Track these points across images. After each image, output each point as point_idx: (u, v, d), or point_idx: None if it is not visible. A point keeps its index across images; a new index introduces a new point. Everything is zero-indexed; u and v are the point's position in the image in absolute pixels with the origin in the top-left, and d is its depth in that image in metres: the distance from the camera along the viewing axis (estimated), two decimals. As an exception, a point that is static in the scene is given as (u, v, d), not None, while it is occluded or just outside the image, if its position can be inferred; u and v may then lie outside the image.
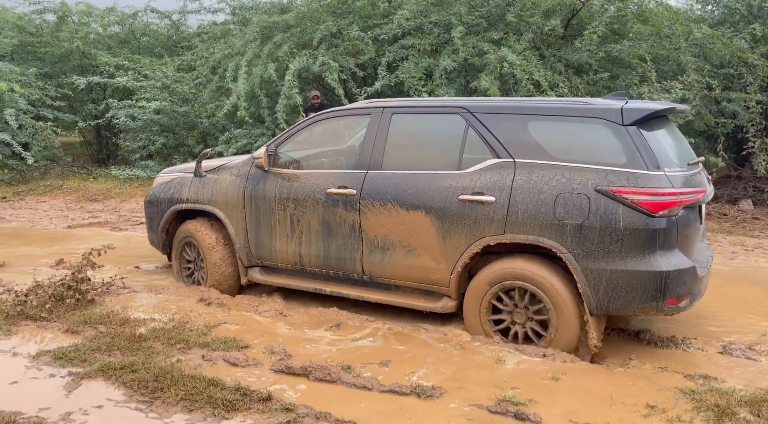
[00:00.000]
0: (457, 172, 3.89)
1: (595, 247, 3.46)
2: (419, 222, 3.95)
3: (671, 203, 3.37)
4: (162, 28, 14.00)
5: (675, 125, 4.24)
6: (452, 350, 3.71)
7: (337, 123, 4.73)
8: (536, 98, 5.13)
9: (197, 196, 4.93)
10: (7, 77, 10.11)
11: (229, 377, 3.27)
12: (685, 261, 3.46)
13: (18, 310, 4.08)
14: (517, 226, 3.64)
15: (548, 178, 3.61)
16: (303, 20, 9.63)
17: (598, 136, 3.60)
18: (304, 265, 4.53)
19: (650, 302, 3.41)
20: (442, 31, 8.24)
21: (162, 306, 4.45)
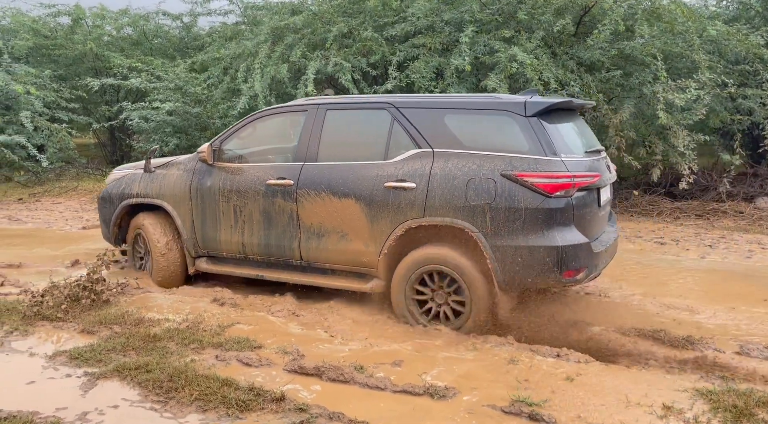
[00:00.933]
0: (383, 162, 4.25)
1: (501, 226, 3.83)
2: (350, 209, 4.27)
3: (566, 185, 3.77)
4: (174, 30, 14.08)
5: (581, 117, 4.74)
6: (465, 351, 3.70)
7: (277, 119, 5.00)
8: (452, 94, 5.42)
9: (147, 190, 5.20)
10: (23, 80, 10.24)
11: (243, 377, 3.29)
12: (581, 237, 3.84)
13: (34, 310, 4.13)
14: (435, 209, 3.99)
15: (461, 165, 3.98)
16: (314, 21, 9.64)
17: (504, 127, 4.02)
18: (247, 253, 4.80)
19: (549, 275, 3.79)
20: (453, 29, 8.20)
21: (176, 306, 4.49)
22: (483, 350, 3.72)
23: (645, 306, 4.61)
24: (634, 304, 4.68)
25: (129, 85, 10.90)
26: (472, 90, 7.75)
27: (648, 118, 8.08)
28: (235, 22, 13.13)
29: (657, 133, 7.93)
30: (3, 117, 10.64)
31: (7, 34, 12.04)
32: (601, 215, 4.27)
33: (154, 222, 5.16)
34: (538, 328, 4.11)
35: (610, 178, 4.38)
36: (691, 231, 7.14)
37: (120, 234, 5.50)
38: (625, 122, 7.59)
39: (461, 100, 4.30)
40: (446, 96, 4.61)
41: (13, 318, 4.06)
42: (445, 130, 4.16)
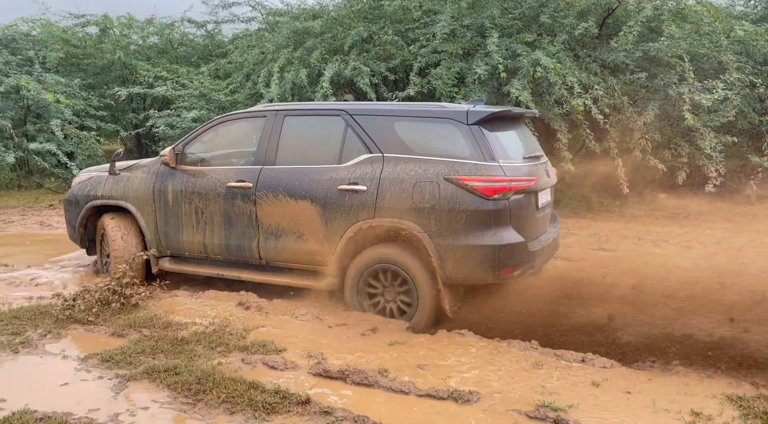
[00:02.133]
0: (337, 166, 4.48)
1: (443, 226, 4.08)
2: (306, 211, 4.50)
3: (502, 188, 4.04)
4: (198, 38, 14.32)
5: (524, 125, 5.05)
6: (489, 355, 3.70)
7: (238, 124, 5.21)
8: (402, 102, 5.74)
9: (111, 192, 5.37)
10: (54, 89, 10.51)
11: (269, 380, 3.33)
12: (517, 237, 4.10)
13: (67, 314, 4.24)
14: (384, 211, 4.23)
15: (408, 169, 4.23)
16: (334, 26, 9.72)
17: (448, 134, 4.27)
18: (208, 253, 5.01)
19: (488, 272, 4.08)
20: (474, 34, 8.19)
21: (202, 310, 4.56)
22: (507, 353, 3.72)
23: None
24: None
25: (155, 93, 11.12)
26: (493, 95, 7.73)
27: (673, 120, 7.97)
28: (257, 28, 13.32)
29: (683, 135, 7.82)
30: (34, 125, 10.94)
31: (38, 44, 12.37)
32: (540, 216, 4.51)
33: (119, 223, 5.30)
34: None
35: (548, 182, 4.67)
36: (720, 235, 7.00)
37: (86, 235, 5.64)
38: (650, 124, 7.49)
39: (410, 109, 4.56)
40: (396, 104, 4.99)
41: (47, 321, 4.17)
42: (394, 136, 4.40)
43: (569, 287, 4.82)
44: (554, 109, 7.55)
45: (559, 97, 7.24)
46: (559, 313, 4.35)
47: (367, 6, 9.98)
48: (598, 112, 7.12)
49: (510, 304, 4.52)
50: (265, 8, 12.99)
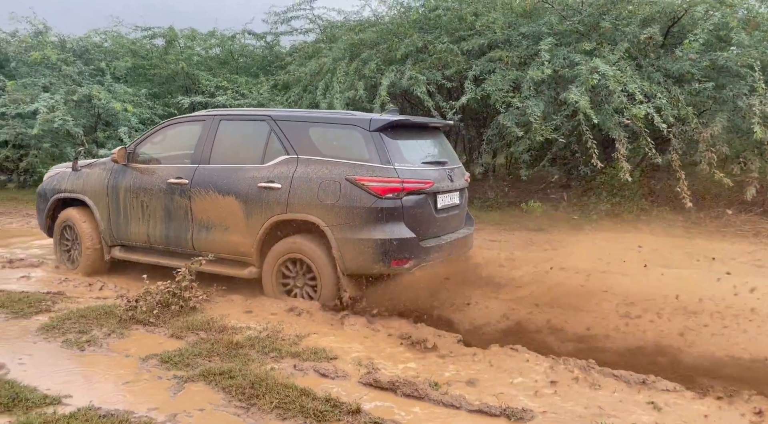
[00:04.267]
0: (259, 166, 4.94)
1: (343, 221, 4.52)
2: (232, 206, 4.96)
3: (395, 189, 4.47)
4: (257, 49, 14.72)
5: (440, 134, 5.45)
6: (544, 373, 3.60)
7: (182, 127, 5.68)
8: (317, 110, 6.35)
9: (73, 186, 5.93)
10: (122, 98, 11.03)
11: (320, 388, 3.36)
12: (408, 233, 4.52)
13: (129, 315, 4.41)
14: (295, 206, 4.69)
15: (317, 169, 4.68)
16: (389, 36, 9.81)
17: (352, 139, 4.71)
18: (152, 243, 5.51)
19: (380, 263, 4.50)
20: (531, 42, 8.09)
21: (255, 315, 4.65)
22: (561, 372, 3.61)
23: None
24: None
25: (216, 102, 11.50)
26: (550, 103, 7.60)
27: (743, 132, 7.59)
28: (314, 40, 13.59)
29: (753, 149, 7.43)
30: (103, 132, 11.51)
31: (109, 55, 13.02)
32: (441, 216, 4.92)
33: (80, 215, 5.84)
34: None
35: (451, 186, 5.02)
36: (793, 254, 6.60)
37: (52, 225, 6.14)
38: (717, 137, 7.17)
39: (323, 116, 5.20)
40: (312, 112, 5.59)
41: (111, 321, 4.35)
42: (308, 140, 4.88)
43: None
44: (613, 118, 7.33)
45: (618, 105, 7.03)
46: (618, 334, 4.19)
47: (422, 16, 10.02)
48: (662, 122, 6.87)
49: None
50: (323, 20, 13.26)
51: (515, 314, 4.43)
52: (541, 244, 7.24)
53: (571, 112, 7.26)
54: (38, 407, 3.05)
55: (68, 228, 5.94)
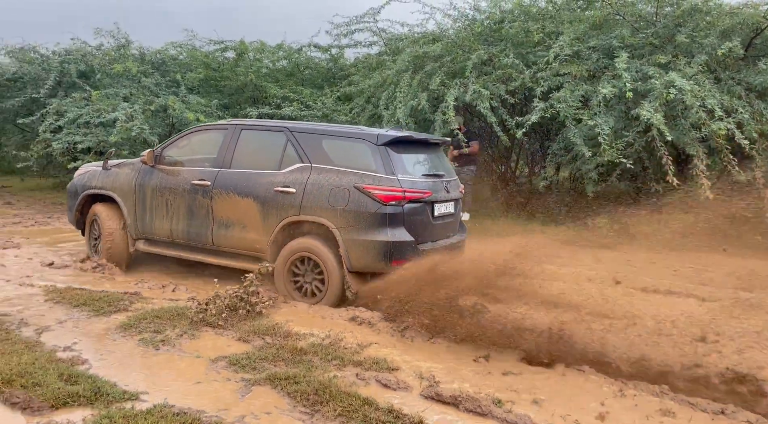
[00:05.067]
0: (276, 172, 5.47)
1: (350, 224, 5.03)
2: (249, 206, 5.49)
3: (396, 197, 5.02)
4: (322, 61, 15.07)
5: (438, 149, 5.96)
6: (612, 398, 3.47)
7: (206, 134, 6.21)
8: (329, 124, 6.78)
9: (103, 184, 6.48)
10: (195, 108, 11.53)
11: (381, 398, 3.37)
12: (408, 237, 5.06)
13: (200, 317, 4.58)
14: (307, 209, 5.22)
15: (328, 177, 5.21)
16: (453, 49, 9.81)
17: (361, 152, 5.24)
18: (174, 238, 6.02)
19: (382, 262, 5.00)
20: (601, 56, 7.89)
21: (318, 323, 4.73)
22: (630, 397, 3.48)
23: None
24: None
25: (282, 113, 11.83)
26: (621, 119, 7.36)
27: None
28: (377, 52, 13.77)
29: None
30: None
31: (183, 67, 13.65)
32: (437, 223, 5.44)
33: (107, 210, 6.37)
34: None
35: (447, 196, 5.55)
36: None
37: (81, 219, 6.73)
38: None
39: (335, 130, 5.63)
40: (326, 125, 6.09)
41: (183, 322, 4.54)
42: (321, 151, 5.41)
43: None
44: (690, 134, 7.02)
45: (696, 120, 6.73)
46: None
47: (487, 29, 9.98)
48: (743, 138, 6.52)
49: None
50: (387, 33, 13.43)
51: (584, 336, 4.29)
52: (609, 262, 7.00)
53: (643, 129, 6.99)
54: (118, 401, 3.22)
55: (95, 223, 6.51)
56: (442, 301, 4.54)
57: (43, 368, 3.54)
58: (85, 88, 11.84)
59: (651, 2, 8.11)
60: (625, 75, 6.94)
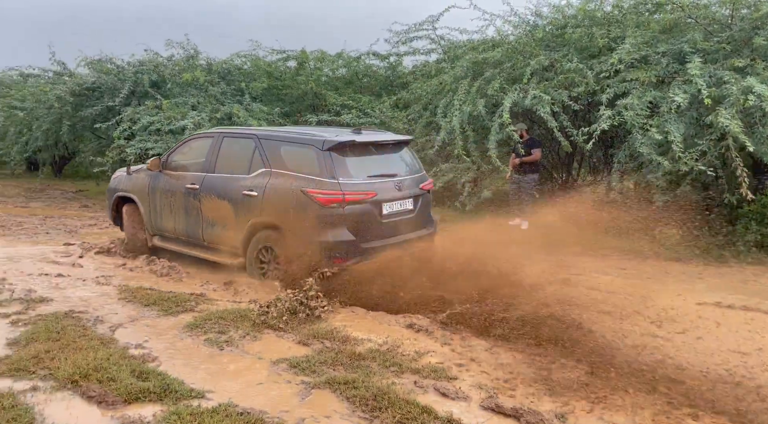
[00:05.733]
0: (245, 176, 5.93)
1: (298, 224, 5.39)
2: (227, 208, 6.02)
3: (336, 200, 5.32)
4: (381, 69, 15.21)
5: (399, 148, 6.21)
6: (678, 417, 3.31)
7: (199, 141, 6.73)
8: (288, 129, 7.01)
9: (126, 187, 7.31)
10: (258, 116, 11.89)
11: (440, 407, 3.35)
12: (348, 236, 5.38)
13: (262, 319, 4.70)
14: (266, 212, 5.68)
15: (282, 181, 5.61)
16: (514, 55, 9.67)
17: (309, 157, 5.56)
18: (178, 235, 6.70)
19: (325, 260, 5.30)
20: (671, 60, 7.57)
21: (375, 328, 4.76)
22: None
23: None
24: None
25: (341, 120, 12.01)
26: (692, 125, 7.04)
27: None
28: (436, 60, 13.76)
29: None
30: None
31: (247, 77, 14.11)
32: (386, 221, 5.68)
33: (130, 210, 7.21)
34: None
35: (400, 195, 5.79)
36: None
37: (118, 217, 7.53)
38: None
39: (290, 136, 5.96)
40: (285, 131, 6.38)
41: (245, 324, 4.67)
42: (279, 156, 5.79)
43: None
44: (768, 143, 6.63)
45: (775, 128, 6.36)
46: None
47: (549, 34, 9.79)
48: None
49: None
50: (445, 41, 13.41)
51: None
52: (677, 275, 6.69)
53: (718, 137, 6.64)
54: (185, 399, 3.35)
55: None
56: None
57: (116, 364, 3.73)
58: (156, 97, 12.43)
59: (726, 5, 7.72)
60: (699, 81, 6.63)
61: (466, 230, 9.08)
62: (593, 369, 3.92)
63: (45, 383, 3.52)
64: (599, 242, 8.27)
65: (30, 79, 16.30)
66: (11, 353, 3.99)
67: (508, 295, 4.97)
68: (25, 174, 18.37)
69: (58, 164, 17.88)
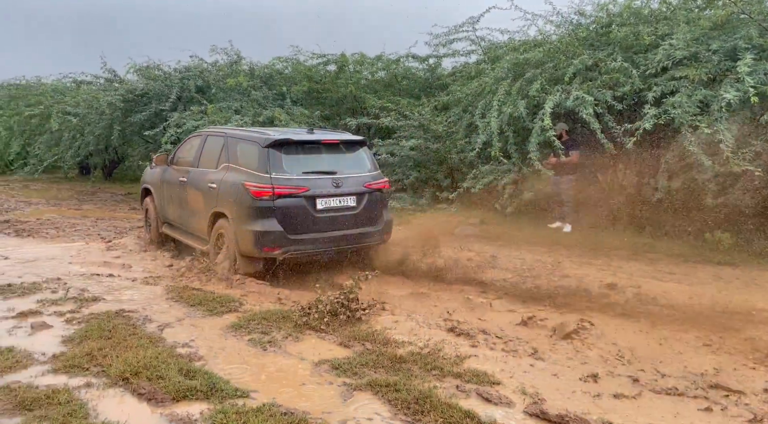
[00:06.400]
0: (213, 170, 6.63)
1: (239, 215, 6.00)
2: (200, 198, 6.75)
3: (267, 193, 5.85)
4: (420, 72, 15.19)
5: (353, 148, 6.64)
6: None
7: (194, 140, 7.50)
8: (251, 129, 7.63)
9: (147, 179, 8.44)
10: (299, 119, 12.07)
11: (483, 412, 3.31)
12: (277, 227, 5.86)
13: (303, 321, 4.75)
14: (220, 202, 6.30)
15: (232, 176, 6.23)
16: (556, 55, 9.49)
17: (253, 153, 6.16)
18: (176, 223, 7.55)
19: (256, 248, 5.90)
20: (723, 58, 7.29)
21: (416, 331, 4.75)
22: None
23: None
24: None
25: (380, 123, 12.05)
26: (747, 125, 6.75)
27: None
28: (476, 61, 13.64)
29: None
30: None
31: (288, 81, 14.33)
32: (321, 216, 6.07)
33: (149, 200, 8.26)
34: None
35: (337, 191, 6.16)
36: None
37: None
38: None
39: (244, 134, 6.59)
40: (241, 129, 7.16)
41: (288, 325, 4.73)
42: (236, 153, 6.43)
43: None
44: (829, 143, 6.30)
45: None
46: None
47: (593, 33, 9.57)
48: None
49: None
50: (486, 42, 13.28)
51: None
52: (731, 280, 6.43)
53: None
54: (231, 398, 3.41)
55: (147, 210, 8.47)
56: None
57: (165, 362, 3.83)
58: (201, 101, 12.76)
59: (782, -2, 7.40)
60: (747, 79, 6.36)
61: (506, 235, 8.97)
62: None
63: (98, 379, 3.65)
64: (647, 246, 8.03)
65: (83, 86, 17.01)
66: (66, 350, 4.15)
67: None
68: (77, 177, 19.15)
69: (108, 168, 18.56)
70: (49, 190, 15.62)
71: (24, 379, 3.64)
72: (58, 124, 14.34)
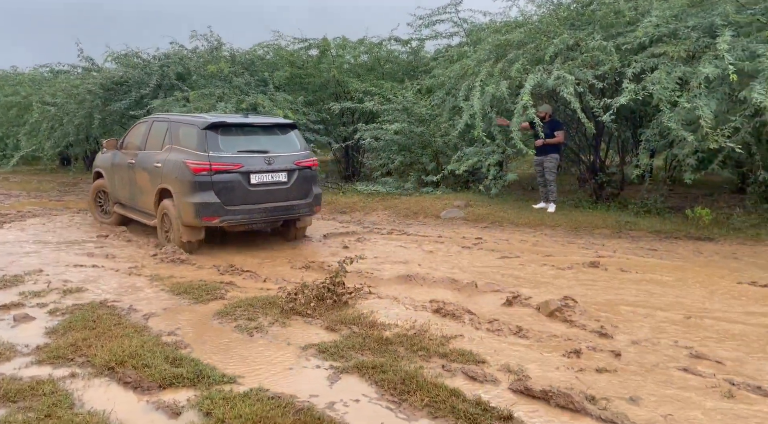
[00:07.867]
0: (158, 152, 7.39)
1: (181, 189, 6.76)
2: (146, 177, 7.52)
3: (204, 169, 6.64)
4: (402, 55, 15.10)
5: (285, 131, 7.50)
6: (718, 399, 3.25)
7: (142, 126, 8.26)
8: (187, 114, 8.41)
9: (98, 163, 9.28)
10: (282, 105, 11.94)
11: (468, 390, 3.35)
12: (214, 199, 6.65)
13: (290, 306, 4.76)
14: (165, 179, 7.06)
15: (175, 155, 6.98)
16: (537, 35, 9.48)
17: (192, 135, 6.94)
18: (126, 202, 8.39)
19: (196, 218, 6.69)
20: (701, 34, 7.33)
21: (402, 314, 4.78)
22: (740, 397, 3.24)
23: None
24: None
25: (363, 107, 11.97)
26: (724, 102, 6.82)
27: None
28: (458, 43, 13.58)
29: None
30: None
31: (270, 66, 14.15)
32: (255, 190, 6.87)
33: (101, 181, 9.02)
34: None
35: (269, 168, 6.96)
36: None
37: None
38: None
39: (185, 119, 7.34)
40: (183, 115, 7.85)
41: (274, 311, 4.74)
42: (178, 135, 7.19)
43: None
44: (807, 119, 6.38)
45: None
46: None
47: (574, 13, 9.56)
48: None
49: None
50: (468, 24, 13.21)
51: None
52: (710, 255, 6.54)
53: (752, 113, 6.42)
54: (217, 384, 3.42)
55: (102, 192, 9.17)
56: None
57: (151, 350, 3.83)
58: (183, 88, 12.58)
59: (760, -25, 7.43)
60: (727, 56, 6.41)
61: (491, 214, 9.02)
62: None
63: (83, 369, 3.64)
64: (629, 224, 8.13)
65: (60, 76, 16.67)
66: (50, 341, 4.13)
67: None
68: (58, 169, 18.87)
69: (90, 158, 18.28)
70: (29, 182, 15.38)
71: (7, 371, 3.62)
72: (37, 115, 14.08)
